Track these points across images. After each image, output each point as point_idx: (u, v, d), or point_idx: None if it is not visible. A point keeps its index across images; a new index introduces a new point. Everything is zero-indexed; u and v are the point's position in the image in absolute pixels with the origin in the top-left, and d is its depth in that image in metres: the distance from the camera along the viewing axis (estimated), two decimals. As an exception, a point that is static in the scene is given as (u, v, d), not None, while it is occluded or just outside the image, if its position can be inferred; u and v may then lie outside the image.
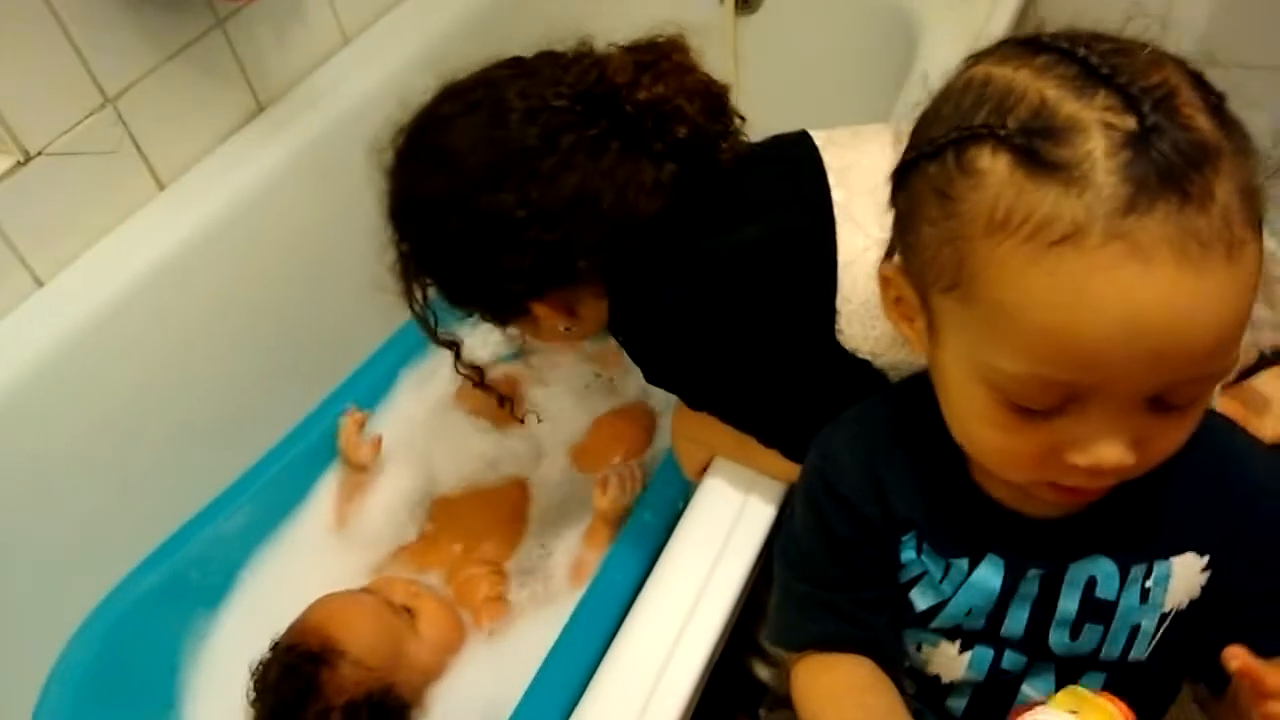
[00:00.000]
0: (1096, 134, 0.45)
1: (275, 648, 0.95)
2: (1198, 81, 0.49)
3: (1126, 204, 0.44)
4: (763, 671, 0.96)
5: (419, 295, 0.87)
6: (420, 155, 0.82)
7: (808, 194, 0.76)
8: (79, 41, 1.01)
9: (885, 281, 0.58)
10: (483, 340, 1.13)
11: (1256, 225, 0.47)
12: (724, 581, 0.79)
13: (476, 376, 1.01)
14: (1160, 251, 0.44)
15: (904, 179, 0.54)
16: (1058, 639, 0.62)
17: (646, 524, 0.94)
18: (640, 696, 0.73)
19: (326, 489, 1.12)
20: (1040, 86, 0.47)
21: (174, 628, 1.00)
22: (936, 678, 0.67)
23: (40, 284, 1.03)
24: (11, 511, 0.97)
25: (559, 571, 1.05)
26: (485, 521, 1.09)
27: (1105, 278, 0.45)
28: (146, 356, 1.06)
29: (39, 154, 1.00)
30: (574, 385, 1.21)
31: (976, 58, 0.52)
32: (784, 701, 0.95)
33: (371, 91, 1.24)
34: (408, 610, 0.98)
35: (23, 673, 0.91)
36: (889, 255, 0.58)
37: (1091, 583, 0.60)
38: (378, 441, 1.12)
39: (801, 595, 0.67)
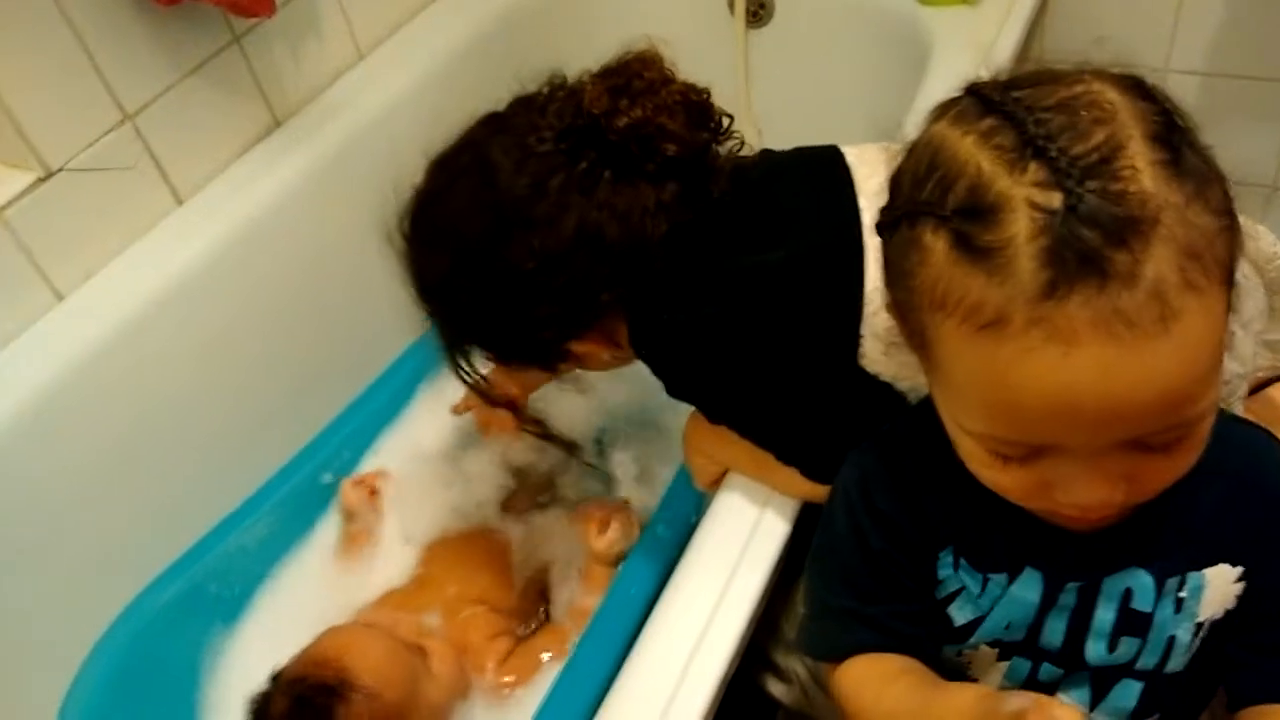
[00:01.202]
0: (1022, 215, 0.45)
1: (279, 679, 0.91)
2: (1161, 124, 0.47)
3: (1045, 290, 0.45)
4: (775, 688, 0.96)
5: (464, 363, 0.88)
6: (422, 237, 0.84)
7: (838, 215, 0.76)
8: (99, 59, 1.02)
9: (892, 317, 0.59)
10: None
11: (1210, 278, 0.46)
12: (739, 597, 0.78)
13: (539, 430, 1.01)
14: (1082, 334, 0.44)
15: (881, 239, 0.55)
16: (1094, 651, 0.63)
17: (660, 538, 0.94)
18: (655, 714, 0.73)
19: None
20: (979, 160, 0.48)
21: (193, 641, 1.00)
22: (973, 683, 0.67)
23: (60, 298, 1.04)
24: (32, 525, 0.98)
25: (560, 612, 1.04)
26: (488, 557, 1.06)
27: (1030, 361, 0.46)
28: (165, 370, 1.07)
29: (60, 170, 1.01)
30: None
31: (942, 110, 0.53)
32: (799, 714, 0.96)
33: (386, 105, 1.25)
34: (420, 648, 0.95)
35: (44, 684, 0.92)
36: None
37: (1127, 594, 0.61)
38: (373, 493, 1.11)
39: (838, 609, 0.68)
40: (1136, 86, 0.49)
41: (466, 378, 0.89)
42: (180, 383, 1.08)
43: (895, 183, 0.54)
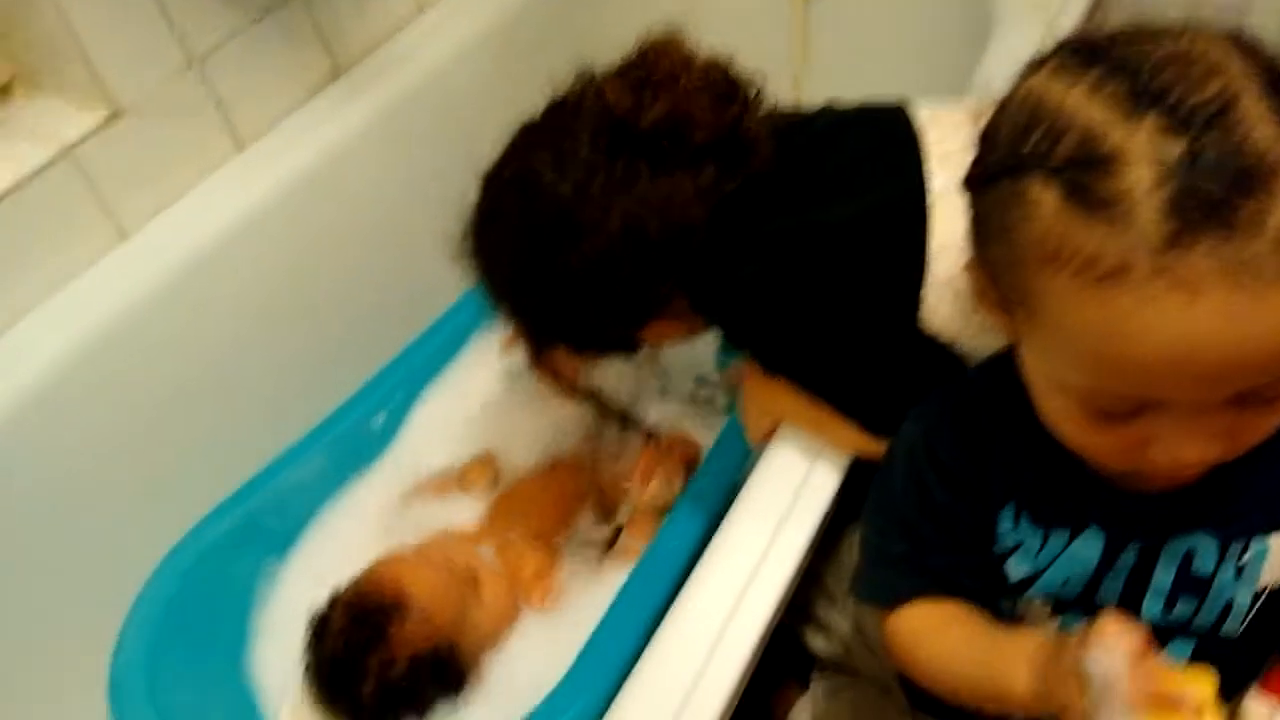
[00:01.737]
0: (1142, 165, 0.45)
1: (338, 597, 0.95)
2: (1269, 78, 0.47)
3: (1169, 240, 0.44)
4: (816, 641, 0.97)
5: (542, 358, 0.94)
6: (482, 252, 0.87)
7: (902, 176, 0.76)
8: (168, 3, 1.03)
9: (972, 279, 0.59)
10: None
11: None
12: (785, 550, 0.79)
13: (597, 404, 1.05)
14: (1208, 283, 0.44)
15: (969, 196, 0.55)
16: (1150, 609, 0.63)
17: (706, 490, 0.95)
18: (696, 663, 0.73)
19: (400, 442, 1.14)
20: (1089, 111, 0.47)
21: (248, 570, 1.02)
22: None
23: (125, 237, 1.07)
24: (99, 455, 1.01)
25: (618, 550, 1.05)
26: (540, 498, 1.09)
27: (1153, 311, 0.45)
28: (226, 310, 1.09)
29: (128, 110, 1.03)
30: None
31: (1035, 66, 0.52)
32: (837, 668, 0.96)
33: (444, 59, 1.26)
34: (473, 578, 0.98)
35: (106, 604, 0.95)
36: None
37: (1189, 556, 0.61)
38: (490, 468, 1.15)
39: (896, 557, 0.68)
40: (1239, 41, 0.49)
41: (544, 372, 0.95)
42: (239, 323, 1.11)
43: (989, 138, 0.53)
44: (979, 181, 0.53)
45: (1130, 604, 0.63)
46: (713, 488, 0.94)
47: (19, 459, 0.96)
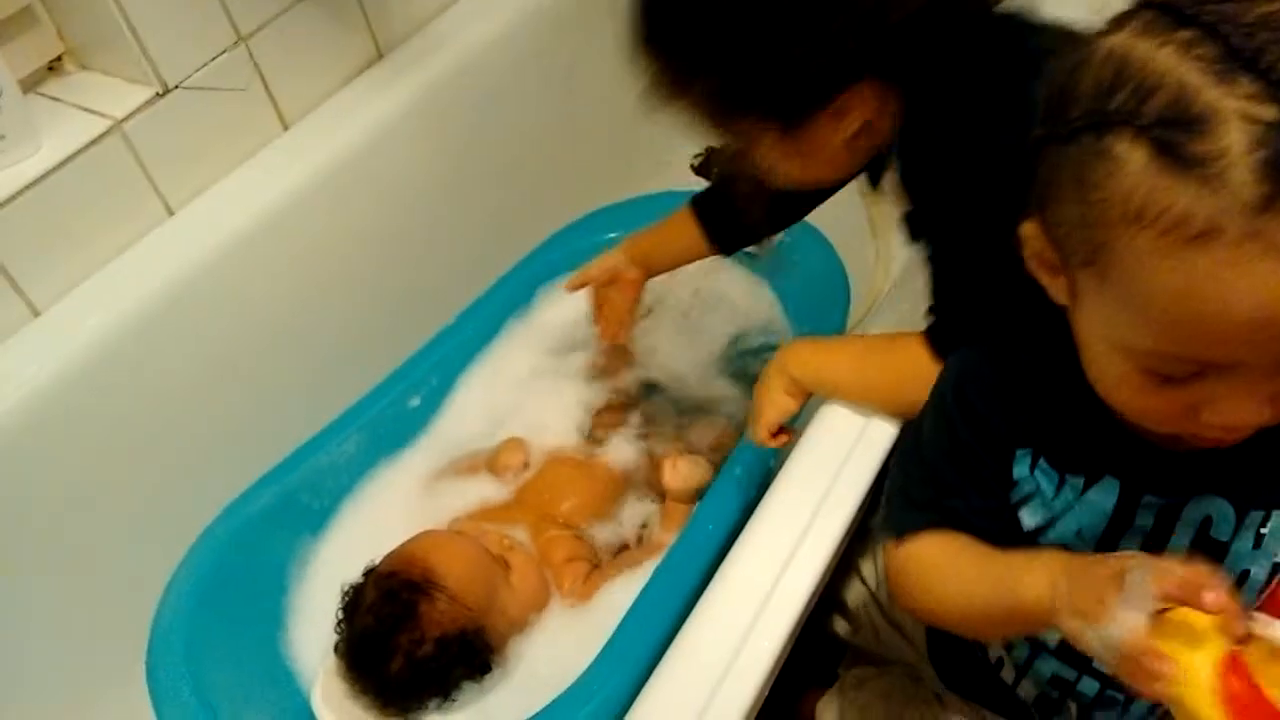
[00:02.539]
0: (1235, 127, 0.45)
1: (371, 573, 0.96)
2: None
3: (1262, 203, 0.44)
4: (841, 627, 0.97)
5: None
6: None
7: None
8: (217, -21, 1.05)
9: (1025, 239, 0.58)
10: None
11: None
12: (819, 539, 0.79)
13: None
14: None
15: (1040, 152, 0.54)
16: None
17: (738, 479, 0.95)
18: (726, 654, 0.73)
19: (435, 424, 1.15)
20: (1181, 71, 0.47)
21: (283, 547, 1.03)
22: None
23: (171, 213, 1.08)
24: (139, 429, 1.04)
25: (648, 539, 1.06)
26: (573, 484, 1.09)
27: (1240, 274, 0.45)
28: (269, 286, 1.11)
29: (176, 87, 1.05)
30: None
31: (1117, 24, 0.51)
32: (865, 658, 0.96)
33: (486, 41, 1.27)
34: (504, 561, 0.98)
35: (143, 577, 0.96)
36: (1029, 214, 0.58)
37: (1206, 522, 0.61)
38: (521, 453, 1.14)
39: (917, 496, 0.69)
40: None
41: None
42: (282, 300, 1.12)
43: (1068, 95, 0.52)
44: (1054, 138, 0.53)
45: None
46: (744, 478, 0.94)
47: (64, 430, 0.98)
